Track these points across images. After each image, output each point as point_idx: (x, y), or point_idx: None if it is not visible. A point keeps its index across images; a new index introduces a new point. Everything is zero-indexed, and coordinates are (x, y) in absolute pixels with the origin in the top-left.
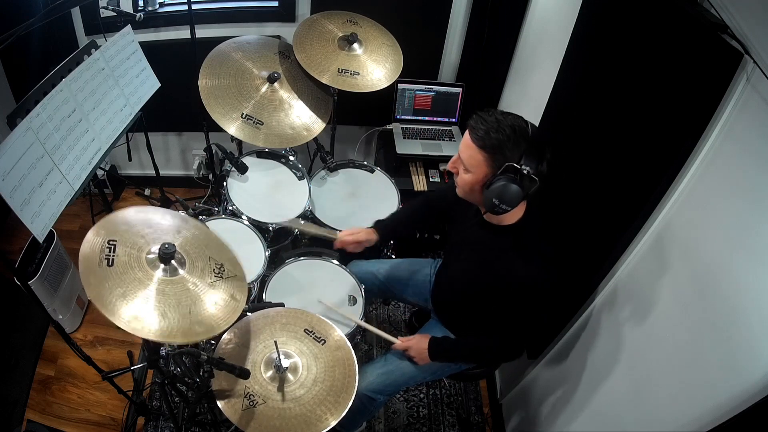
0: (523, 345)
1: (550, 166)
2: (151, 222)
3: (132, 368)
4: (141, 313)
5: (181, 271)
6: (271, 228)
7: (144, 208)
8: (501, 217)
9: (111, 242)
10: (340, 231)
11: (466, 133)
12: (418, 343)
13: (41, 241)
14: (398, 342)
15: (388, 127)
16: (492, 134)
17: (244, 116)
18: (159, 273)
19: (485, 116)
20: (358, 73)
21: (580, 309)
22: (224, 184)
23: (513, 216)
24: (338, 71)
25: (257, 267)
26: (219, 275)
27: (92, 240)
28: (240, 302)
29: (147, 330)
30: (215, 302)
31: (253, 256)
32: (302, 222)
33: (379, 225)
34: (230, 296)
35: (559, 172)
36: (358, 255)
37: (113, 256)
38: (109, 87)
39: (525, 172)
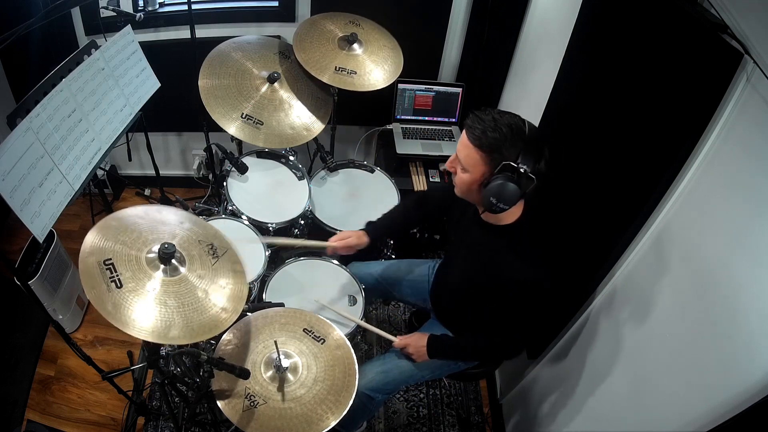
0: (520, 344)
1: (548, 165)
2: (129, 225)
3: (132, 368)
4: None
5: (182, 269)
6: (271, 228)
7: (110, 218)
8: (498, 217)
9: (107, 262)
10: (336, 231)
11: (463, 132)
12: (417, 341)
13: (41, 241)
14: (397, 340)
15: (388, 127)
16: (489, 133)
17: (244, 116)
18: (162, 275)
19: (482, 115)
20: (355, 72)
21: (580, 309)
22: (224, 184)
23: (511, 216)
24: (335, 69)
25: (257, 267)
26: (215, 255)
27: (88, 269)
28: (240, 269)
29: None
30: (226, 281)
31: (253, 256)
32: (290, 238)
33: (369, 227)
34: (231, 271)
35: (558, 172)
36: (357, 256)
37: (117, 275)
38: (109, 87)
39: (522, 170)
